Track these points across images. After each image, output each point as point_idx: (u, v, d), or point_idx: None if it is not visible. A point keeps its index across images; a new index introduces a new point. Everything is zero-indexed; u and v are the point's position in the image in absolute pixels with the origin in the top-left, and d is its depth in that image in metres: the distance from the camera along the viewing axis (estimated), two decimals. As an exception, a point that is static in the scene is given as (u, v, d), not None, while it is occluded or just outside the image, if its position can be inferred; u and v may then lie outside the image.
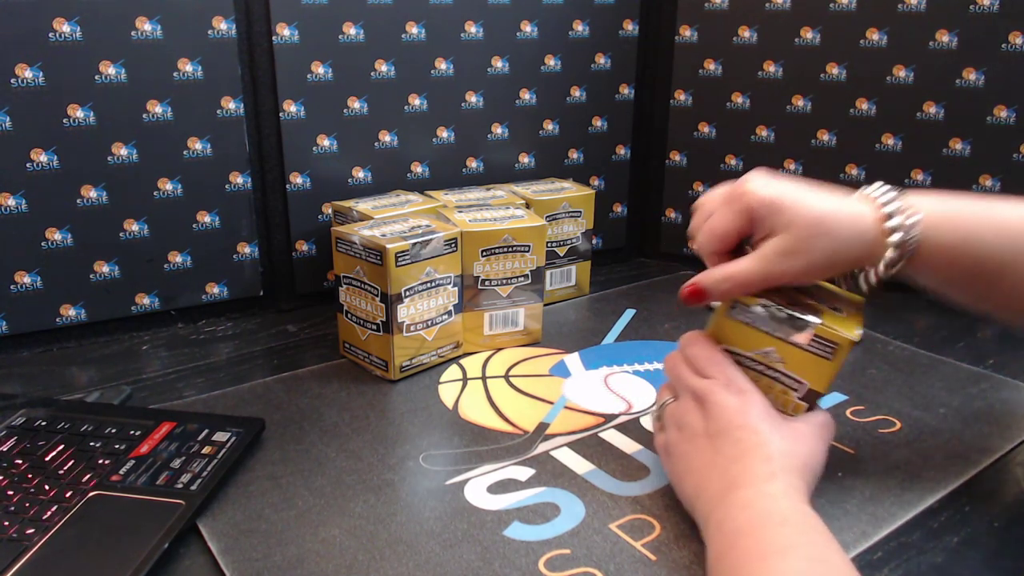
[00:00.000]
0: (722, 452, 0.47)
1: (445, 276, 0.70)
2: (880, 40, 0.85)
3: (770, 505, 0.43)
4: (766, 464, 0.45)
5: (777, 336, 0.50)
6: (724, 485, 0.46)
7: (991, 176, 0.84)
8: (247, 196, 0.81)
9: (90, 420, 0.59)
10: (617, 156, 1.01)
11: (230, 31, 0.76)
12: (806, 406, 0.50)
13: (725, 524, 0.44)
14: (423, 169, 0.89)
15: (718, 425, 0.48)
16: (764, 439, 0.46)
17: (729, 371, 0.50)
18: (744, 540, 0.42)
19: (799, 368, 0.50)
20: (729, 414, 0.48)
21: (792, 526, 0.42)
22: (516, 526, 0.50)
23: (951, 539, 0.49)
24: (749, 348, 0.51)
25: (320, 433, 0.61)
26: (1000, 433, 0.61)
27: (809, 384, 0.50)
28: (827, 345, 0.48)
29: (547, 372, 0.72)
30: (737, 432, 0.47)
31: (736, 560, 0.41)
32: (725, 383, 0.49)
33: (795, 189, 0.49)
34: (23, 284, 0.73)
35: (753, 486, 0.44)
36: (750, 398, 0.49)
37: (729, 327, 0.51)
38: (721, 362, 0.51)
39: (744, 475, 0.45)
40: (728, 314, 0.51)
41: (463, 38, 0.86)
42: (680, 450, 0.50)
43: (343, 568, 0.46)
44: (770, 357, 0.50)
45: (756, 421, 0.47)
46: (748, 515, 0.43)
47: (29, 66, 0.68)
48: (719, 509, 0.45)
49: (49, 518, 0.48)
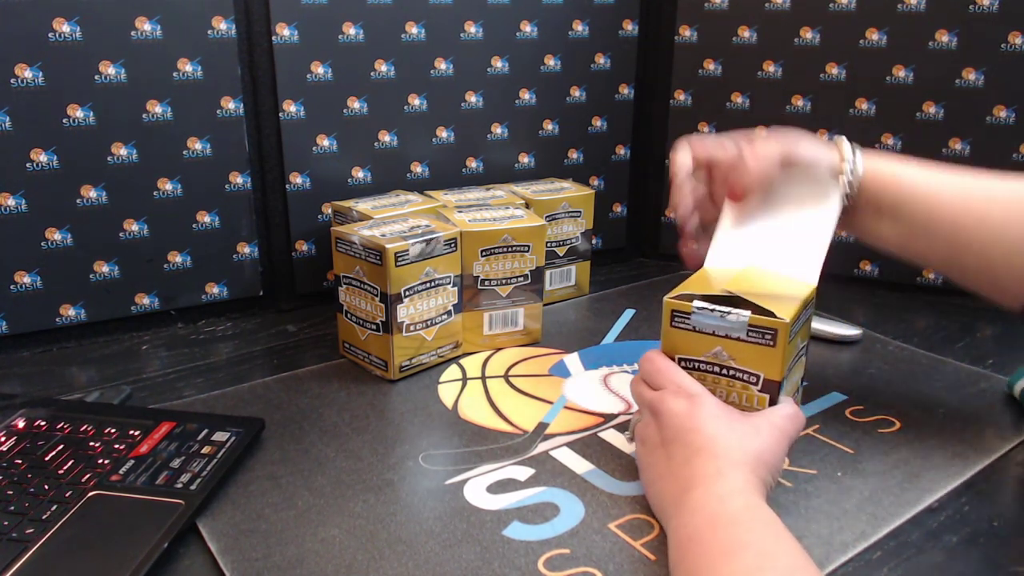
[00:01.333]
0: (674, 457, 0.48)
1: (445, 276, 0.70)
2: (880, 40, 0.85)
3: (717, 507, 0.44)
4: (712, 462, 0.46)
5: (720, 335, 0.51)
6: (678, 489, 0.46)
7: (991, 176, 0.84)
8: (247, 196, 0.81)
9: (90, 420, 0.59)
10: (617, 156, 1.01)
11: (230, 31, 0.76)
12: (768, 396, 0.52)
13: (679, 531, 0.44)
14: (423, 169, 0.89)
15: (670, 432, 0.49)
16: (711, 438, 0.47)
17: (677, 377, 0.52)
18: (696, 546, 0.43)
19: (749, 361, 0.51)
20: (679, 419, 0.49)
21: (740, 525, 0.42)
22: (516, 526, 0.50)
23: (951, 539, 0.49)
24: (700, 352, 0.53)
25: (320, 433, 0.61)
26: (1000, 433, 0.61)
27: (764, 374, 0.51)
28: (765, 332, 0.50)
29: (547, 372, 0.72)
30: (686, 436, 0.48)
31: (690, 566, 0.42)
32: (675, 391, 0.51)
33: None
34: (23, 284, 0.73)
35: (702, 486, 0.45)
36: (699, 400, 0.50)
37: (676, 336, 0.53)
38: (668, 370, 0.52)
39: (694, 477, 0.46)
40: (673, 324, 0.53)
41: (463, 38, 0.86)
42: (643, 463, 0.52)
43: (343, 568, 0.46)
44: (720, 356, 0.52)
45: (703, 421, 0.48)
46: (698, 520, 0.44)
47: (29, 66, 0.68)
48: (676, 515, 0.46)
49: (49, 518, 0.48)
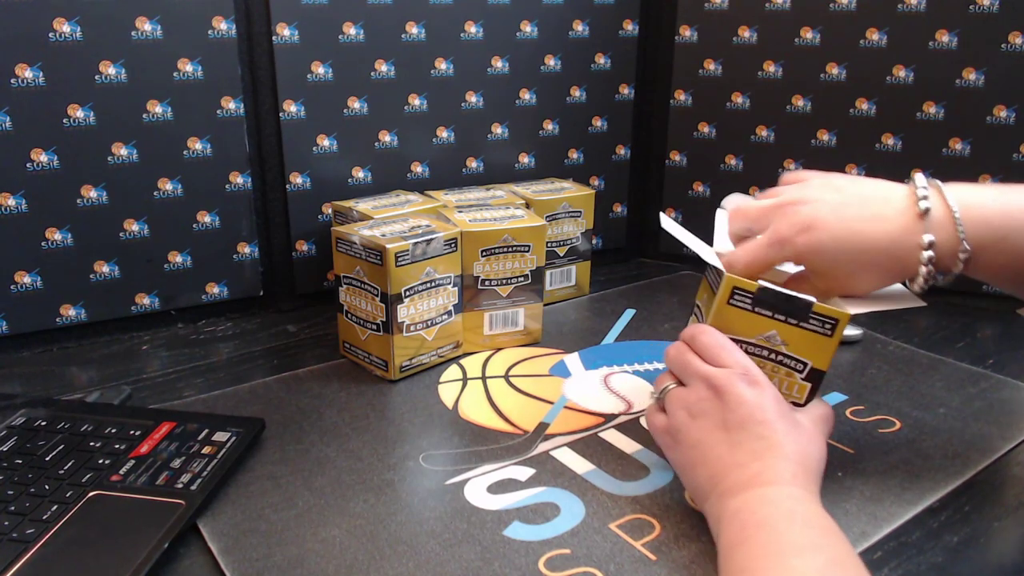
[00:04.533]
0: (742, 446, 0.47)
1: (445, 276, 0.70)
2: (880, 40, 0.85)
3: (794, 506, 0.44)
4: (787, 464, 0.46)
5: (778, 318, 0.51)
6: (744, 479, 0.46)
7: (991, 176, 0.84)
8: (247, 196, 0.81)
9: (90, 420, 0.59)
10: (617, 156, 1.01)
11: (230, 31, 0.76)
12: (810, 386, 0.51)
13: (743, 515, 0.44)
14: (423, 169, 0.89)
15: (737, 418, 0.47)
16: (782, 438, 0.47)
17: (744, 360, 0.50)
18: (764, 534, 0.42)
19: (801, 348, 0.51)
20: (748, 408, 0.47)
21: (816, 528, 0.42)
22: (516, 526, 0.50)
23: (951, 539, 0.49)
24: (752, 334, 0.51)
25: (320, 433, 0.61)
26: (1000, 433, 0.61)
27: (812, 363, 0.51)
28: (827, 321, 0.50)
29: (547, 372, 0.72)
30: (757, 428, 0.47)
31: (754, 550, 0.42)
32: (742, 372, 0.49)
33: (836, 225, 0.50)
34: (23, 284, 0.73)
35: (776, 485, 0.45)
36: (766, 391, 0.49)
37: (731, 314, 0.52)
38: (732, 350, 0.51)
39: (766, 473, 0.45)
40: (730, 302, 0.52)
41: (463, 38, 0.86)
42: (692, 438, 0.49)
43: (343, 568, 0.46)
44: (773, 340, 0.51)
45: (775, 418, 0.47)
46: (770, 511, 0.43)
47: (29, 66, 0.68)
48: (736, 500, 0.45)
49: (49, 518, 0.48)
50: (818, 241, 0.50)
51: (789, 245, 0.51)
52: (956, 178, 0.49)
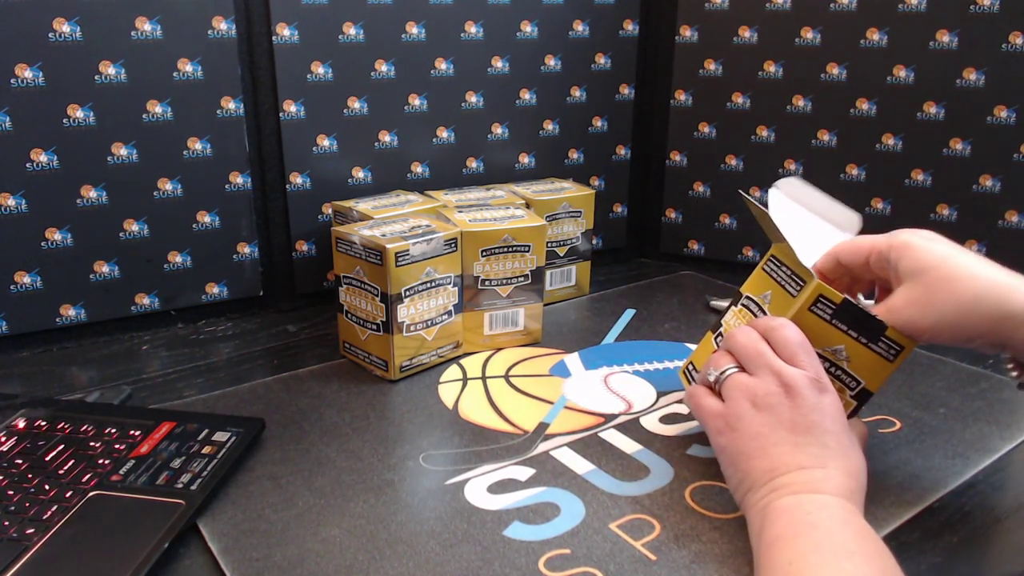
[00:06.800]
0: (806, 450, 0.47)
1: (445, 276, 0.70)
2: (880, 40, 0.85)
3: (848, 517, 0.44)
4: (847, 479, 0.46)
5: (851, 334, 0.51)
6: (803, 481, 0.46)
7: (991, 176, 0.84)
8: (247, 196, 0.81)
9: (90, 420, 0.59)
10: (617, 156, 1.01)
11: (230, 31, 0.76)
12: (855, 404, 0.52)
13: (795, 513, 0.44)
14: (423, 169, 0.89)
15: (807, 422, 0.47)
16: (846, 452, 0.47)
17: (819, 366, 0.50)
18: (817, 533, 0.43)
19: (861, 367, 0.51)
20: (818, 415, 0.48)
21: (869, 541, 0.43)
22: (516, 526, 0.50)
23: (951, 539, 0.49)
24: (821, 344, 0.51)
25: (320, 433, 0.61)
26: (1000, 433, 0.61)
27: (864, 383, 0.51)
28: (894, 347, 0.50)
29: (547, 372, 0.72)
30: (824, 436, 0.47)
31: (804, 547, 0.42)
32: (814, 377, 0.49)
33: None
34: (23, 284, 0.73)
35: (834, 495, 0.45)
36: (834, 401, 0.49)
37: (808, 320, 0.51)
38: (813, 354, 0.50)
39: (828, 482, 0.46)
40: (812, 309, 0.51)
41: (463, 38, 0.86)
42: (753, 430, 0.49)
43: (343, 568, 0.46)
44: (839, 355, 0.51)
45: (841, 431, 0.48)
46: (825, 515, 0.44)
47: (29, 66, 0.68)
48: (791, 499, 0.45)
49: (49, 518, 0.48)
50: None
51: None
52: (956, 178, 0.48)
